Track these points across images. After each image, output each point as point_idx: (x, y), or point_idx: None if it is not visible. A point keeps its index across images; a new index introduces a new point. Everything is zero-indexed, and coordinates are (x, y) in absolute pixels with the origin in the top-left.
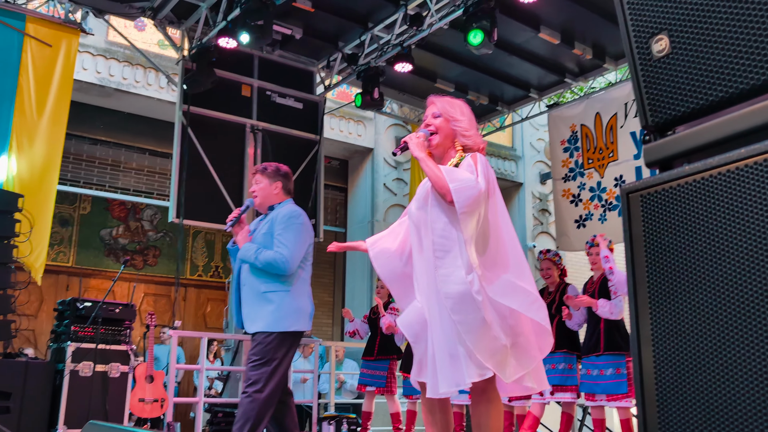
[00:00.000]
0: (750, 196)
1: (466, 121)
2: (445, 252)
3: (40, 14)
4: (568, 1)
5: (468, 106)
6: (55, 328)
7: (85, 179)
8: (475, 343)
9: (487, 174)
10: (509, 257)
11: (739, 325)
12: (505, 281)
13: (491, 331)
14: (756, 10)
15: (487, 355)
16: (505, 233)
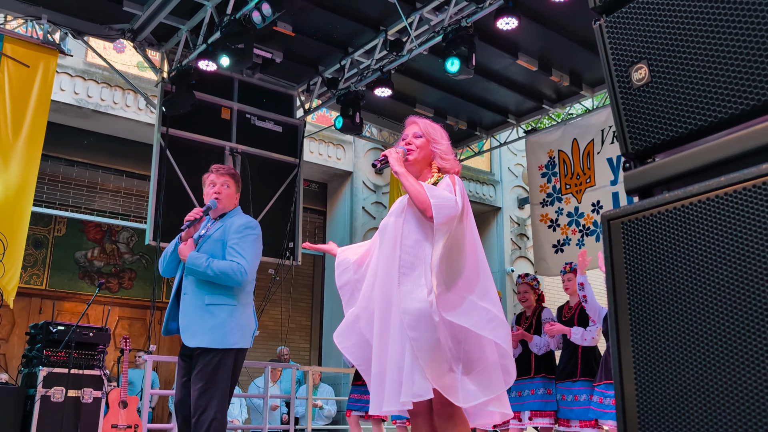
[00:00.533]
0: (730, 224)
1: (445, 145)
2: (410, 269)
3: (18, 35)
4: (545, 29)
5: (446, 132)
6: (26, 352)
7: (61, 201)
8: (427, 362)
9: (463, 196)
10: (477, 280)
11: (721, 352)
12: (466, 302)
13: (442, 353)
14: (735, 40)
15: (436, 375)
16: (476, 256)
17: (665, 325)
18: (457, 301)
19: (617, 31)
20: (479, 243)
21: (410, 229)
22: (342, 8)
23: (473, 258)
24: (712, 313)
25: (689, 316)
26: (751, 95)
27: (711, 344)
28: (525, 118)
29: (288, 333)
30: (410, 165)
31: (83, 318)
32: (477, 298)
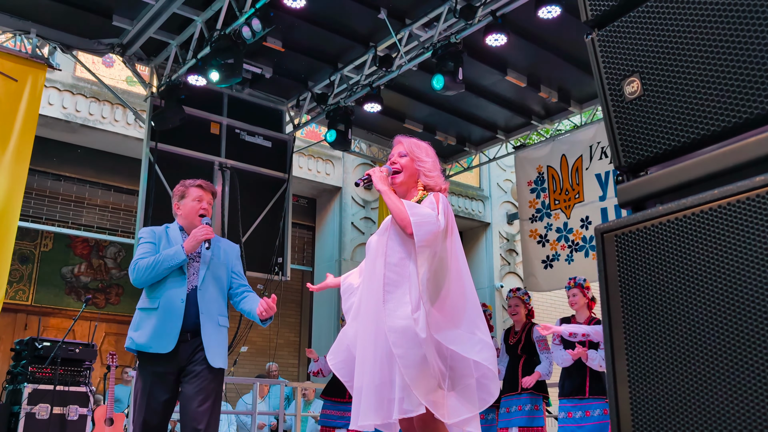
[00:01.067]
0: (724, 237)
1: (430, 162)
2: (395, 287)
3: (7, 48)
4: (534, 46)
5: (433, 149)
6: (11, 369)
7: (48, 215)
8: (414, 379)
9: (447, 214)
10: (464, 303)
11: (715, 365)
12: (453, 326)
13: (430, 369)
14: (726, 54)
15: (424, 392)
16: (461, 276)
17: (660, 338)
18: (444, 322)
19: (609, 45)
20: (464, 262)
21: (393, 247)
22: (332, 24)
23: (458, 277)
24: (706, 325)
25: (684, 329)
26: (743, 109)
27: (706, 357)
28: (514, 133)
29: (276, 349)
30: (397, 185)
31: (69, 334)
32: (466, 321)
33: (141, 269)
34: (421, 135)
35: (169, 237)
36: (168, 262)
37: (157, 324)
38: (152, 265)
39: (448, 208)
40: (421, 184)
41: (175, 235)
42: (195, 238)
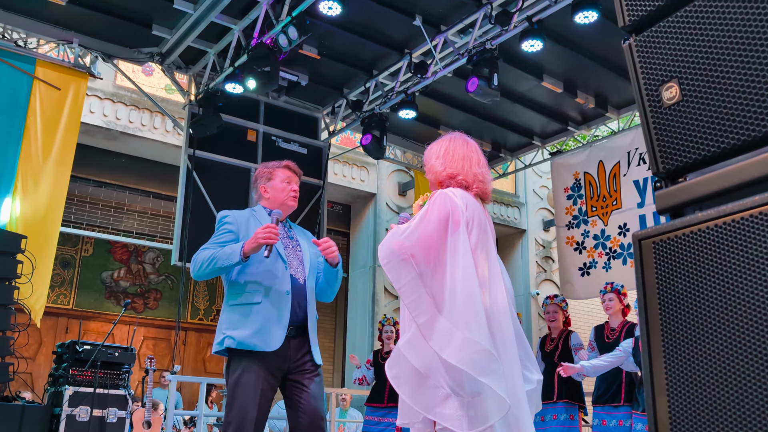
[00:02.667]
0: (764, 244)
1: (434, 159)
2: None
3: (50, 58)
4: (570, 51)
5: (453, 137)
6: (53, 371)
7: (89, 221)
8: (411, 395)
9: (439, 211)
10: (453, 294)
11: (756, 375)
12: (448, 327)
13: (429, 380)
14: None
15: (426, 406)
16: (457, 275)
17: (699, 347)
18: (441, 324)
19: (647, 50)
20: (466, 258)
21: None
22: (367, 31)
23: (454, 278)
24: (746, 334)
25: (723, 337)
26: None
27: (746, 366)
28: (550, 139)
29: None
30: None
31: (109, 337)
32: (457, 323)
33: (198, 263)
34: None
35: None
36: (223, 261)
37: (262, 320)
38: (208, 261)
39: (444, 204)
40: (437, 183)
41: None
42: (256, 240)
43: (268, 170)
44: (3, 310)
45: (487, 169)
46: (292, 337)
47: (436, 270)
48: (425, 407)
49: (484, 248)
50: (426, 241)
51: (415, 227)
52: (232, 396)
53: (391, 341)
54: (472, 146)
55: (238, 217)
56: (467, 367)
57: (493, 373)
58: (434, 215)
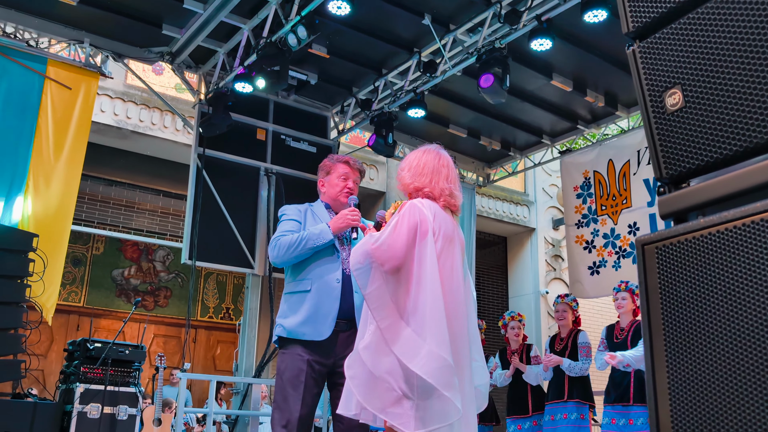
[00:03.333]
0: (766, 250)
1: (405, 171)
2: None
3: (61, 58)
4: (580, 50)
5: (424, 151)
6: (64, 369)
7: (100, 219)
8: (365, 397)
9: (409, 221)
10: (420, 305)
11: (758, 380)
12: (413, 337)
13: (383, 383)
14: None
15: (378, 407)
16: (423, 284)
17: (701, 351)
18: (409, 335)
19: (651, 57)
20: (432, 268)
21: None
22: (376, 31)
23: (421, 286)
24: (748, 340)
25: (725, 341)
26: None
27: (748, 371)
28: (559, 138)
29: None
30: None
31: (119, 335)
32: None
33: (283, 247)
34: (465, 140)
35: (315, 214)
36: (313, 241)
37: (311, 308)
38: (296, 243)
39: (412, 214)
40: (408, 194)
41: (321, 212)
42: (344, 220)
43: (330, 163)
44: (15, 307)
45: (457, 184)
46: (341, 331)
47: (402, 278)
48: (378, 408)
49: (449, 257)
50: (395, 250)
51: (388, 236)
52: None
53: None
54: (444, 160)
55: (300, 208)
56: (434, 381)
57: (454, 387)
58: (404, 225)
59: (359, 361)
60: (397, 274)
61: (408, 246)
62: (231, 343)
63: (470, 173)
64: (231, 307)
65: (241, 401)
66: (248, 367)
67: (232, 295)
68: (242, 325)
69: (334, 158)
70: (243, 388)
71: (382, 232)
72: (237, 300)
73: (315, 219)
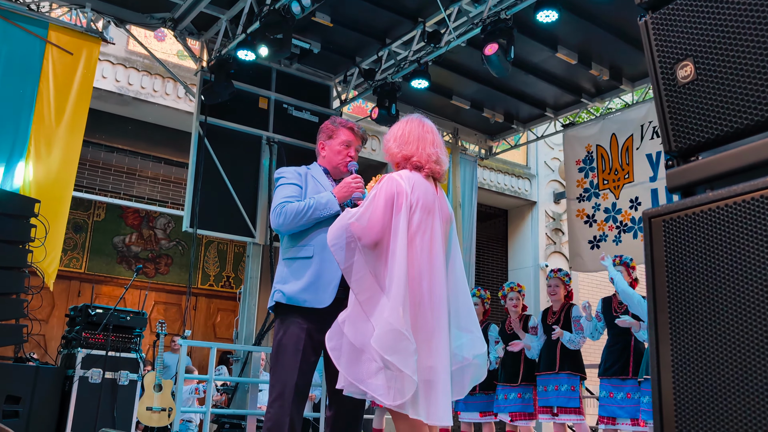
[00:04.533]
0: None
1: (391, 142)
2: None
3: (63, 23)
4: (586, 22)
5: (410, 120)
6: (66, 334)
7: (101, 186)
8: (346, 368)
9: (386, 194)
10: (394, 282)
11: (762, 354)
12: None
13: (364, 354)
14: None
15: (358, 378)
16: (396, 257)
17: (705, 324)
18: (382, 303)
19: (663, 28)
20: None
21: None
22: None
23: (395, 258)
24: (753, 313)
25: (730, 315)
26: None
27: (752, 345)
28: (563, 111)
29: None
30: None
31: (120, 302)
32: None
33: (289, 215)
34: (468, 112)
35: (316, 180)
36: (320, 211)
37: (314, 274)
38: (302, 212)
39: (390, 186)
40: (394, 165)
41: (322, 179)
42: (349, 188)
43: (333, 127)
44: (17, 273)
45: (443, 149)
46: (343, 299)
47: (380, 251)
48: (358, 378)
49: (427, 230)
50: (373, 223)
51: (365, 210)
52: (274, 360)
53: None
54: (428, 127)
55: (300, 172)
56: (376, 345)
57: (400, 352)
58: (381, 199)
59: (339, 333)
60: (376, 249)
61: (384, 219)
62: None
63: (472, 145)
64: (231, 276)
65: (241, 368)
66: (248, 335)
67: (233, 263)
68: (243, 294)
69: (337, 122)
70: (243, 355)
71: (360, 206)
72: (238, 268)
73: (316, 185)
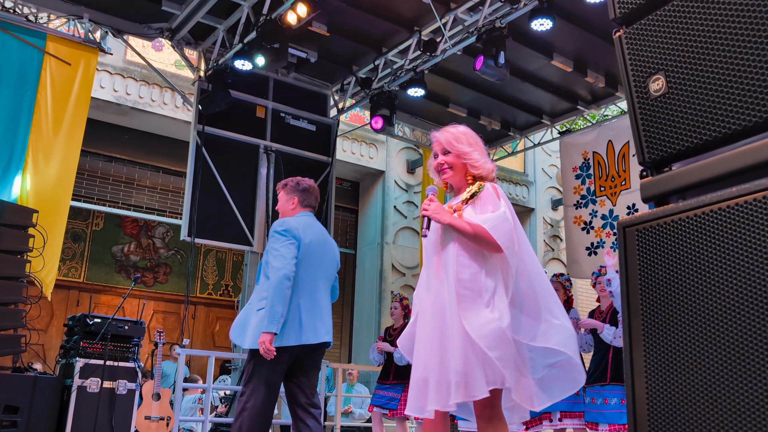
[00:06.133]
0: (740, 234)
1: (474, 151)
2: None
3: (61, 33)
4: (581, 30)
5: (473, 133)
6: (64, 344)
7: (99, 196)
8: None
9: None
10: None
11: (730, 360)
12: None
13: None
14: (749, 53)
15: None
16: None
17: (677, 332)
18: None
19: (636, 43)
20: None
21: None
22: (376, 8)
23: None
24: (722, 320)
25: (700, 323)
26: (765, 107)
27: (721, 351)
28: (559, 119)
29: None
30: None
31: (119, 311)
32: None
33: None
34: (465, 119)
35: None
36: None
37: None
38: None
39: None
40: (470, 176)
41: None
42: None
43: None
44: (15, 283)
45: None
46: None
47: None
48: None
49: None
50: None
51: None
52: (252, 372)
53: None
54: None
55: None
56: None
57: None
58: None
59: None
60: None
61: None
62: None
63: None
64: (230, 284)
65: (239, 377)
66: None
67: (231, 272)
68: (241, 302)
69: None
70: (241, 364)
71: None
72: (236, 277)
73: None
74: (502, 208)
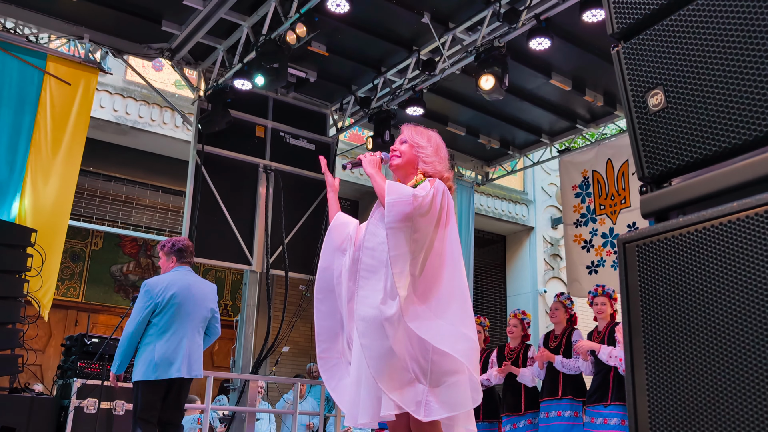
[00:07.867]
0: (742, 249)
1: (430, 149)
2: (370, 272)
3: (61, 53)
4: (579, 49)
5: (438, 136)
6: (62, 364)
7: (98, 215)
8: (378, 371)
9: (441, 201)
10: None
11: (734, 377)
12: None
13: (399, 362)
14: (749, 67)
15: (392, 386)
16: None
17: (679, 348)
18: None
19: (634, 58)
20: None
21: (373, 230)
22: (375, 28)
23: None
24: (725, 337)
25: (702, 339)
26: (764, 122)
27: (724, 368)
28: (558, 137)
29: None
30: (395, 170)
31: (117, 331)
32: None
33: None
34: (464, 138)
35: None
36: None
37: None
38: None
39: (443, 195)
40: (421, 171)
41: None
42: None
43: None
44: (13, 302)
45: None
46: None
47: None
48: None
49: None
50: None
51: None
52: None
53: None
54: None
55: None
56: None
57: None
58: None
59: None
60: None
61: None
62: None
63: (469, 171)
64: (229, 304)
65: (238, 397)
66: (245, 364)
67: (230, 291)
68: (240, 322)
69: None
70: (240, 384)
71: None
72: (235, 296)
73: None
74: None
